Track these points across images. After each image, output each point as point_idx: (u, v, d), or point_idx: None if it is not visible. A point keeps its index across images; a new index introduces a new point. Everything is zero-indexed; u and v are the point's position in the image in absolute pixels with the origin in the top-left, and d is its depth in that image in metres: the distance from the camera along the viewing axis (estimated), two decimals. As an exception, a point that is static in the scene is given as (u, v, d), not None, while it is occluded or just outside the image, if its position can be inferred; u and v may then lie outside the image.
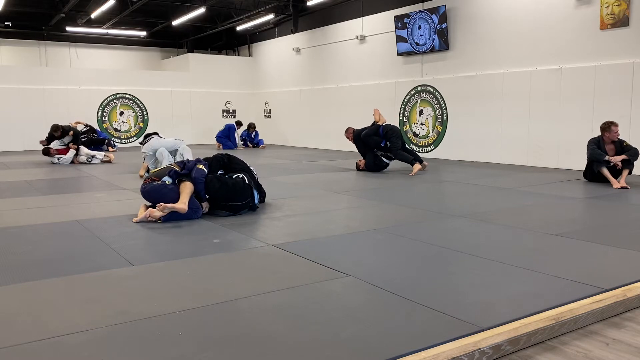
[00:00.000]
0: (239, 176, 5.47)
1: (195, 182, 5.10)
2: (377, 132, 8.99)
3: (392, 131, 8.88)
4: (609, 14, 8.56)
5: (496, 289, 2.98)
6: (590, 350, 2.34)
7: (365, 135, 9.07)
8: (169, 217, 4.89)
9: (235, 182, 5.32)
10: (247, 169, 5.77)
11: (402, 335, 2.37)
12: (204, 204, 5.19)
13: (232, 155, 5.90)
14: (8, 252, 3.87)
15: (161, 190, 5.05)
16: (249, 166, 5.89)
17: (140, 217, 4.90)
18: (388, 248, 4.02)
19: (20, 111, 14.67)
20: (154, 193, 5.08)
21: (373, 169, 9.01)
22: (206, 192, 5.17)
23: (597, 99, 8.79)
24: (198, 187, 5.11)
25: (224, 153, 5.93)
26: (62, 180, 8.35)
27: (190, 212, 4.96)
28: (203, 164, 5.34)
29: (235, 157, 5.90)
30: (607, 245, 3.98)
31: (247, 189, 5.36)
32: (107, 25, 16.12)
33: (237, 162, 5.82)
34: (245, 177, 5.49)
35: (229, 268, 3.51)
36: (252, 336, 2.37)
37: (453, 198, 6.50)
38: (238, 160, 5.88)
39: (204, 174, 5.20)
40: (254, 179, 5.65)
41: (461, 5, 10.95)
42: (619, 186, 6.82)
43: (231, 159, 5.81)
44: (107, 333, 2.40)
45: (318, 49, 15.12)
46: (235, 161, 5.82)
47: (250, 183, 5.45)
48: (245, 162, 5.93)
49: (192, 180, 5.11)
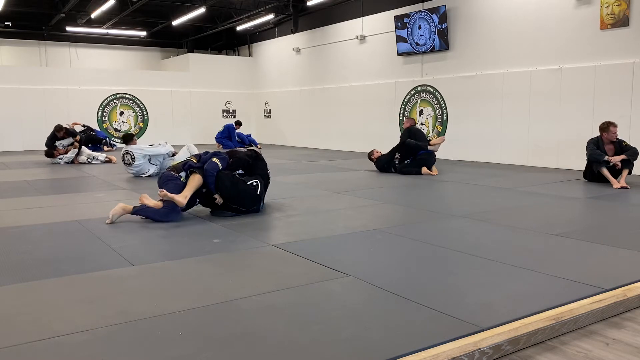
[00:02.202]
0: (253, 183, 5.29)
1: (206, 174, 5.03)
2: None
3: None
4: (609, 14, 8.56)
5: (496, 289, 2.98)
6: (590, 350, 2.34)
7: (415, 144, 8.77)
8: (140, 210, 4.88)
9: (247, 189, 5.19)
10: (266, 175, 5.58)
11: (402, 335, 2.37)
12: (216, 196, 5.10)
13: (260, 157, 5.68)
14: (8, 252, 3.87)
15: (168, 178, 5.08)
16: (269, 172, 5.69)
17: (114, 212, 4.85)
18: (388, 248, 4.02)
19: (20, 111, 14.68)
20: (162, 179, 5.14)
21: (381, 168, 8.96)
22: (216, 188, 5.08)
23: (597, 99, 8.79)
24: (208, 179, 5.03)
25: (252, 151, 5.72)
26: (62, 180, 8.35)
27: (166, 212, 4.89)
28: (220, 158, 5.22)
29: (262, 161, 5.67)
30: (607, 245, 3.98)
31: (256, 199, 5.28)
32: (107, 25, 16.11)
33: (261, 167, 5.57)
34: (260, 185, 5.33)
35: (229, 268, 3.51)
36: (252, 336, 2.37)
37: (453, 198, 6.50)
38: (263, 164, 5.64)
39: (216, 168, 5.10)
40: (266, 187, 5.53)
41: (461, 5, 10.95)
42: (618, 186, 6.82)
43: (257, 161, 5.59)
44: (107, 333, 2.40)
45: (318, 49, 15.12)
46: (259, 165, 5.58)
47: (261, 194, 5.35)
48: (267, 167, 5.72)
49: (202, 173, 5.04)
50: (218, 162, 5.16)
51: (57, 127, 10.90)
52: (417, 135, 8.90)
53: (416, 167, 8.59)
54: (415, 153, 8.64)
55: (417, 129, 9.13)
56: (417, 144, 8.63)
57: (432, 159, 8.70)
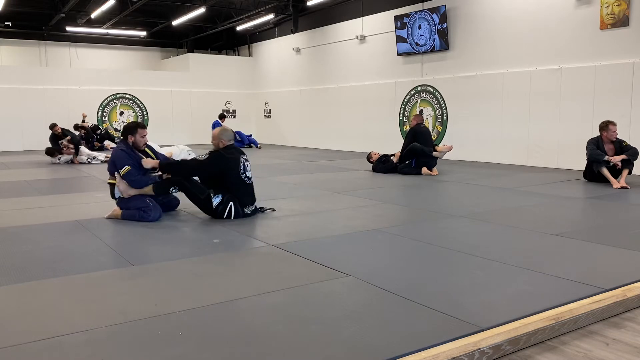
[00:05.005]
0: (210, 192, 4.97)
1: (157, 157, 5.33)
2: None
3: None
4: (609, 14, 8.56)
5: (496, 289, 2.98)
6: (590, 350, 2.34)
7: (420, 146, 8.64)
8: (126, 214, 5.02)
9: (200, 189, 5.01)
10: (234, 198, 5.02)
11: (402, 335, 2.37)
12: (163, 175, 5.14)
13: (237, 176, 5.03)
14: (8, 252, 3.87)
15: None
16: (244, 177, 5.09)
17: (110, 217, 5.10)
18: (388, 248, 4.02)
19: (20, 111, 14.68)
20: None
21: (378, 169, 8.95)
22: (178, 163, 5.19)
23: (597, 99, 8.79)
24: (159, 156, 5.34)
25: (240, 165, 5.08)
26: (62, 180, 8.35)
27: (142, 213, 4.92)
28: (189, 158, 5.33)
29: (240, 183, 5.04)
30: (607, 245, 3.98)
31: (208, 203, 4.98)
32: (107, 25, 16.12)
33: (229, 184, 5.02)
34: (221, 201, 4.96)
35: (229, 268, 3.51)
36: (252, 336, 2.37)
37: (453, 198, 6.49)
38: (238, 182, 5.04)
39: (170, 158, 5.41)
40: (235, 201, 5.03)
41: (461, 5, 10.95)
42: (619, 186, 6.82)
43: (225, 177, 5.01)
44: (107, 333, 2.40)
45: (318, 49, 15.12)
46: (229, 181, 5.01)
47: (219, 208, 4.97)
48: (252, 189, 5.22)
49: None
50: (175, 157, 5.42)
51: (52, 125, 10.99)
52: (422, 136, 8.73)
53: (416, 167, 8.58)
54: (419, 156, 8.59)
55: (423, 129, 8.90)
56: (423, 150, 8.51)
57: (434, 160, 8.69)
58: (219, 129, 5.29)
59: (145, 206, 4.93)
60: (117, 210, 5.10)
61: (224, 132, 5.20)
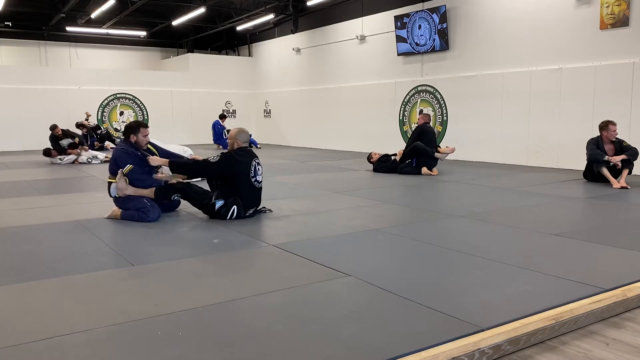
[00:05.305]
0: (212, 196, 4.99)
1: (168, 155, 5.38)
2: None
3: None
4: (609, 14, 8.56)
5: (496, 289, 2.98)
6: (590, 350, 2.34)
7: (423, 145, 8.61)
8: (125, 215, 5.03)
9: (203, 196, 5.03)
10: (239, 201, 4.98)
11: (402, 335, 2.37)
12: (166, 170, 5.21)
13: (247, 180, 4.98)
14: (8, 252, 3.87)
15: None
16: (254, 180, 5.04)
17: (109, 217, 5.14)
18: (388, 248, 4.02)
19: (20, 111, 14.68)
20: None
21: (379, 168, 8.95)
22: (185, 163, 5.20)
23: (597, 99, 8.79)
24: (162, 152, 5.38)
25: (249, 169, 5.01)
26: (62, 180, 8.36)
27: (141, 214, 4.92)
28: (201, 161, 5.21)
29: (248, 186, 4.99)
30: (607, 245, 3.98)
31: (210, 208, 4.99)
32: (107, 25, 16.12)
33: (236, 186, 4.98)
34: (227, 204, 4.95)
35: (228, 268, 3.52)
36: (252, 336, 2.37)
37: (453, 198, 6.49)
38: (247, 185, 4.99)
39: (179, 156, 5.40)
40: (237, 204, 4.99)
41: (461, 5, 10.95)
42: (619, 186, 6.82)
43: (234, 179, 4.97)
44: (107, 333, 2.40)
45: (318, 49, 15.12)
46: (237, 184, 4.96)
47: (221, 210, 4.96)
48: (259, 193, 5.17)
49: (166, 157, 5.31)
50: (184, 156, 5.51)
51: (52, 127, 10.99)
52: (428, 136, 8.71)
53: (417, 166, 8.58)
54: (420, 156, 8.59)
55: (429, 129, 8.89)
56: (425, 150, 8.50)
57: (434, 160, 8.69)
58: (237, 129, 5.27)
59: (143, 207, 4.92)
60: (116, 210, 5.10)
61: (241, 133, 5.20)
